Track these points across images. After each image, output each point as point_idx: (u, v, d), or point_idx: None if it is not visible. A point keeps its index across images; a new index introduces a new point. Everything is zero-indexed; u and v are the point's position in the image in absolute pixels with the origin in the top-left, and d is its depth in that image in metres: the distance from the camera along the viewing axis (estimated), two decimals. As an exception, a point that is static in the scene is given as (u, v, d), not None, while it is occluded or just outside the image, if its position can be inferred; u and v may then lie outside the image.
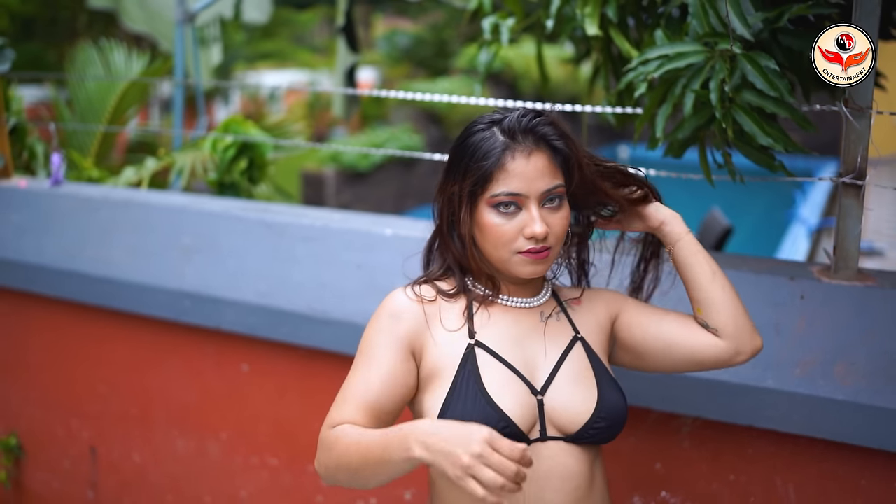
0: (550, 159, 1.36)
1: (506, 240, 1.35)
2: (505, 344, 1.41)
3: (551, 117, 1.39)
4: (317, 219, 2.35)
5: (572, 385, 1.40)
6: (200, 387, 2.51)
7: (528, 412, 1.36)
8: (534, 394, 1.38)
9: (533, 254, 1.35)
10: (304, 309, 2.23)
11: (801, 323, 1.77)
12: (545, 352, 1.42)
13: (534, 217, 1.34)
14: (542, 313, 1.46)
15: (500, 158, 1.34)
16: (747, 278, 1.83)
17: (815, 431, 1.72)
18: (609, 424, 1.39)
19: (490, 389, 1.35)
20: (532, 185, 1.34)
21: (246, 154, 2.85)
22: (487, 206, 1.35)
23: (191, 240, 2.47)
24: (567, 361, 1.42)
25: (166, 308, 2.45)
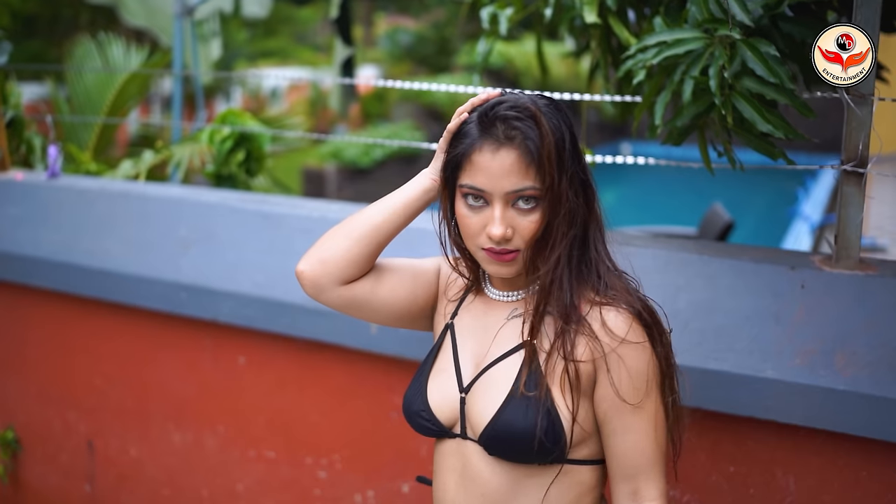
0: (521, 157, 1.24)
1: (471, 233, 1.30)
2: (469, 333, 1.41)
3: (532, 109, 1.26)
4: (314, 209, 2.34)
5: (488, 390, 1.33)
6: (197, 380, 2.49)
7: (450, 407, 1.36)
8: (460, 390, 1.36)
9: (494, 254, 1.29)
10: (301, 300, 2.22)
11: (801, 312, 1.75)
12: (489, 350, 1.37)
13: (494, 217, 1.26)
14: (513, 310, 1.38)
15: (468, 148, 1.28)
16: (748, 268, 1.82)
17: (816, 422, 1.70)
18: (499, 444, 1.30)
19: (432, 376, 1.40)
20: (496, 184, 1.25)
21: (243, 146, 2.84)
22: (459, 195, 1.31)
23: (188, 231, 2.45)
24: (499, 365, 1.34)
25: (163, 300, 2.43)
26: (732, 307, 1.80)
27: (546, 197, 1.26)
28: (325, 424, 2.33)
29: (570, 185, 1.28)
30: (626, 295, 1.32)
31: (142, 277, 2.46)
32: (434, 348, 1.44)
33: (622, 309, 1.30)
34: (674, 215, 7.21)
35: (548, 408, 1.27)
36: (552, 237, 1.29)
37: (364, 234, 1.41)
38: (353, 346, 2.15)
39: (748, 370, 1.74)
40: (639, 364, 1.29)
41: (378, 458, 2.25)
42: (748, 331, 1.77)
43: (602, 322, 1.29)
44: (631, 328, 1.29)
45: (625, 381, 1.29)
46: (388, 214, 1.41)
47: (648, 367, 1.30)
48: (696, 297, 1.84)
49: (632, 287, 1.36)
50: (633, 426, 1.30)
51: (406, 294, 1.47)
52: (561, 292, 1.29)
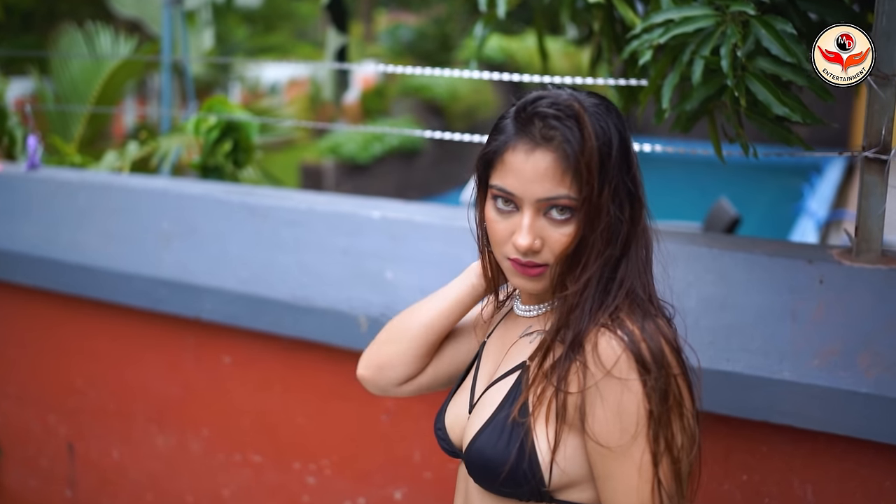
0: (557, 162, 1.10)
1: (497, 239, 1.17)
2: (492, 350, 1.32)
3: (576, 108, 1.10)
4: (301, 202, 2.23)
5: (480, 411, 1.23)
6: (180, 380, 2.38)
7: (460, 426, 1.29)
8: (469, 410, 1.28)
9: (520, 265, 1.16)
10: (286, 297, 2.10)
11: (819, 309, 1.63)
12: (497, 369, 1.27)
13: (522, 225, 1.13)
14: (528, 327, 1.26)
15: (502, 146, 1.15)
16: (760, 262, 1.70)
17: (836, 427, 1.58)
18: (471, 468, 1.20)
19: (457, 393, 1.34)
20: (528, 188, 1.12)
21: (230, 136, 2.72)
22: (489, 195, 1.19)
23: (170, 224, 2.34)
24: (498, 384, 1.23)
25: (143, 297, 2.32)
26: (745, 304, 1.69)
27: (583, 209, 1.11)
28: (313, 427, 2.21)
29: (612, 198, 1.12)
30: (635, 323, 1.13)
31: (122, 273, 2.35)
32: (467, 368, 1.38)
33: (616, 336, 1.11)
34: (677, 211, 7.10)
35: (522, 437, 1.13)
36: (585, 255, 1.13)
37: (417, 336, 1.38)
38: (341, 345, 2.04)
39: (763, 371, 1.63)
40: (620, 403, 1.09)
41: (369, 464, 2.14)
42: (762, 329, 1.66)
43: (594, 346, 1.11)
44: (619, 360, 1.09)
45: (600, 419, 1.09)
46: (438, 315, 1.38)
47: (635, 407, 1.08)
48: (707, 293, 1.72)
49: (657, 321, 1.16)
50: (615, 473, 1.10)
51: (467, 355, 1.43)
52: (581, 316, 1.13)
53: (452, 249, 1.96)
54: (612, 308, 1.14)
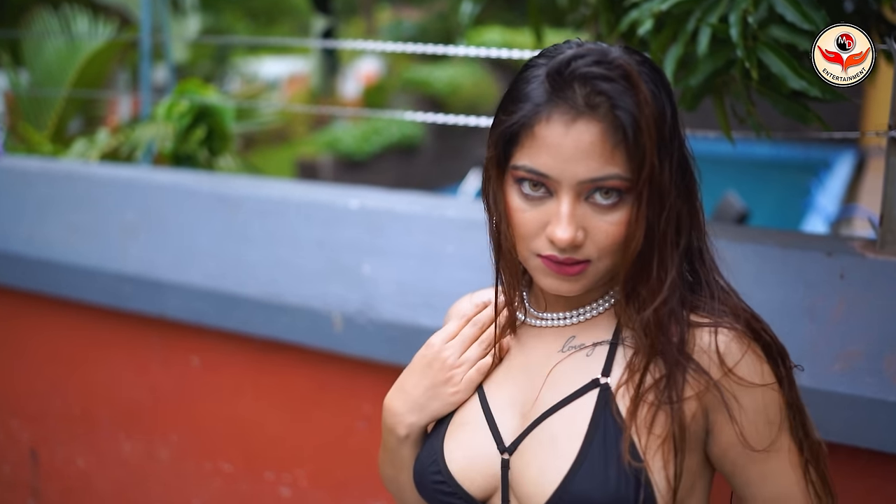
0: (606, 133, 0.91)
1: (524, 232, 0.96)
2: (506, 374, 1.07)
3: (626, 66, 0.91)
4: (274, 191, 2.06)
5: (547, 447, 0.98)
6: (147, 383, 2.22)
7: (485, 472, 1.02)
8: (500, 450, 1.02)
9: (555, 263, 0.94)
10: (256, 293, 1.94)
11: (840, 307, 1.46)
12: (539, 395, 1.02)
13: (560, 214, 0.92)
14: (570, 339, 1.03)
15: (531, 116, 0.93)
16: (774, 254, 1.53)
17: (859, 440, 1.42)
18: None
19: (450, 432, 1.05)
20: (567, 168, 0.91)
21: (204, 122, 2.56)
22: (511, 179, 0.97)
23: (135, 216, 2.18)
24: (559, 413, 0.99)
25: (106, 293, 2.16)
26: (757, 301, 1.50)
27: (641, 191, 0.92)
28: (287, 435, 2.05)
29: (672, 175, 0.94)
30: (735, 311, 1.02)
31: (84, 268, 2.19)
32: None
33: (733, 331, 0.99)
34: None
35: (638, 478, 0.93)
36: (657, 249, 0.95)
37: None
38: (315, 346, 1.88)
39: (776, 376, 1.45)
40: (761, 399, 0.98)
41: (346, 474, 1.97)
42: (776, 329, 1.46)
43: (712, 349, 0.97)
44: (746, 356, 0.98)
45: (744, 422, 0.97)
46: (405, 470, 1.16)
47: (775, 399, 0.99)
48: (714, 288, 1.55)
49: (742, 302, 1.06)
50: (771, 472, 1.00)
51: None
52: (676, 321, 0.96)
53: (436, 241, 1.79)
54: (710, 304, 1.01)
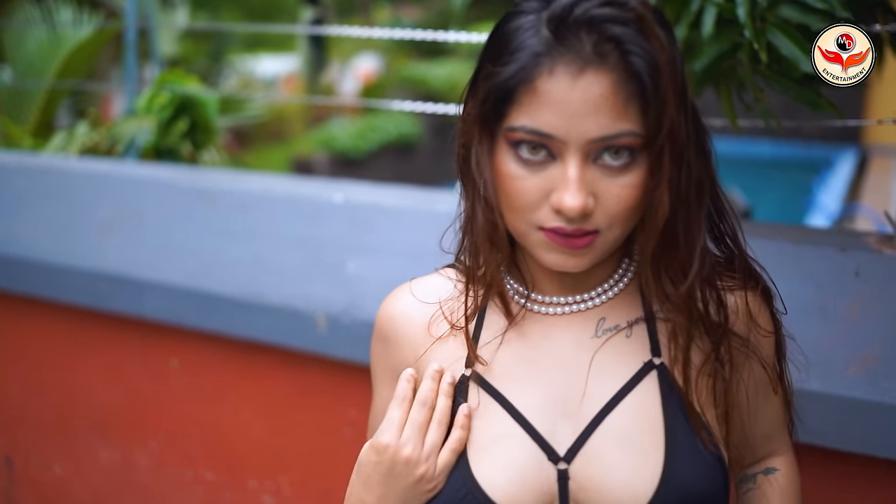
0: (618, 85, 0.80)
1: (522, 203, 0.83)
2: (522, 375, 0.92)
3: (639, 9, 0.81)
4: (256, 185, 1.97)
5: (623, 445, 0.87)
6: (125, 387, 2.12)
7: (538, 491, 0.87)
8: (552, 460, 0.87)
9: (561, 236, 0.83)
10: (236, 292, 1.84)
11: (855, 306, 1.37)
12: (585, 389, 0.90)
13: (568, 179, 0.80)
14: (600, 321, 0.92)
15: (529, 70, 0.80)
16: (783, 250, 1.43)
17: (876, 448, 1.32)
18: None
19: (475, 457, 0.88)
20: (574, 126, 0.79)
21: (186, 114, 2.46)
22: (505, 143, 0.84)
23: (111, 212, 2.08)
24: (621, 407, 0.89)
25: (82, 293, 2.06)
26: (766, 300, 1.42)
27: (661, 148, 0.81)
28: (271, 441, 1.95)
29: (688, 131, 0.84)
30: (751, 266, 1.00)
31: (59, 266, 2.09)
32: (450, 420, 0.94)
33: (756, 289, 0.99)
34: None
35: (717, 451, 0.89)
36: (684, 216, 0.85)
37: None
38: (298, 348, 1.78)
39: (787, 381, 1.36)
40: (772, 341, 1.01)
41: (331, 482, 1.87)
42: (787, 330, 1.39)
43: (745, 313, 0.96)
44: (762, 308, 1.00)
45: (769, 366, 0.99)
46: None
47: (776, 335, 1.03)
48: (719, 287, 1.45)
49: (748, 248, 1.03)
50: (773, 400, 1.03)
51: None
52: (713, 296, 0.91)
53: (424, 238, 1.69)
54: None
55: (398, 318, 0.98)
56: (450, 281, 0.99)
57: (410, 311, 0.98)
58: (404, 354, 0.98)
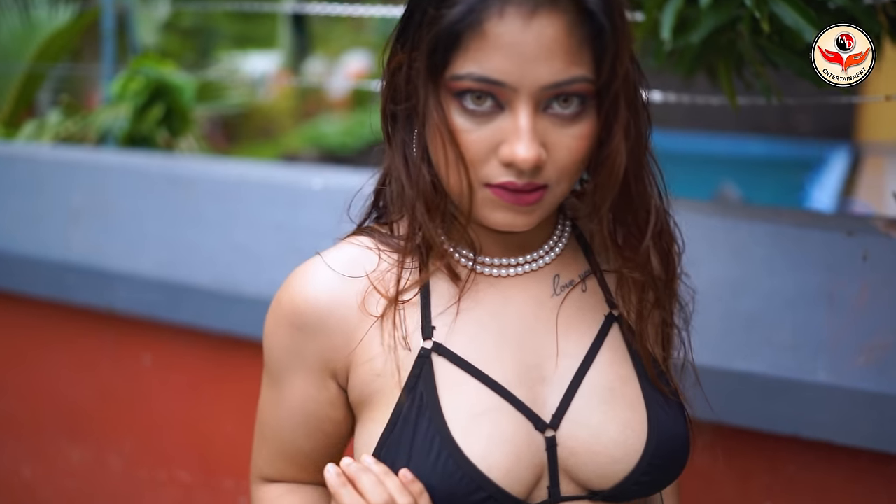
0: (571, 29, 0.75)
1: (469, 158, 0.77)
2: (488, 343, 0.85)
3: None
4: (231, 171, 1.88)
5: (604, 407, 0.84)
6: (96, 384, 2.04)
7: (530, 463, 0.82)
8: (539, 428, 0.83)
9: (511, 192, 0.77)
10: (210, 283, 1.75)
11: (864, 293, 1.29)
12: (558, 350, 0.86)
13: (520, 129, 0.75)
14: (555, 279, 0.89)
15: (478, 11, 0.74)
16: (787, 234, 1.35)
17: (887, 444, 1.25)
18: (664, 472, 0.85)
19: (463, 437, 0.81)
20: (527, 72, 0.74)
21: (162, 100, 2.36)
22: (448, 94, 0.77)
23: (80, 200, 1.99)
24: (597, 363, 0.86)
25: (48, 284, 1.97)
26: (770, 287, 1.34)
27: (616, 94, 0.77)
28: (248, 439, 1.85)
29: (636, 78, 0.82)
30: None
31: (24, 257, 2.01)
32: (417, 397, 0.82)
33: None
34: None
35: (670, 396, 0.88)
36: (635, 168, 0.83)
37: None
38: (275, 342, 1.69)
39: (792, 372, 1.30)
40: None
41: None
42: (791, 318, 1.32)
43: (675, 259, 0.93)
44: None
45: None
46: None
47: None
48: (720, 273, 1.38)
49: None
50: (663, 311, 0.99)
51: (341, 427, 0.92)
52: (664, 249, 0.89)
53: (407, 224, 1.61)
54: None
55: (321, 299, 0.85)
56: (369, 250, 0.87)
57: (335, 290, 0.85)
58: (333, 342, 0.85)
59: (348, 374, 0.86)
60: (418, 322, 0.85)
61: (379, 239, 0.88)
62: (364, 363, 0.85)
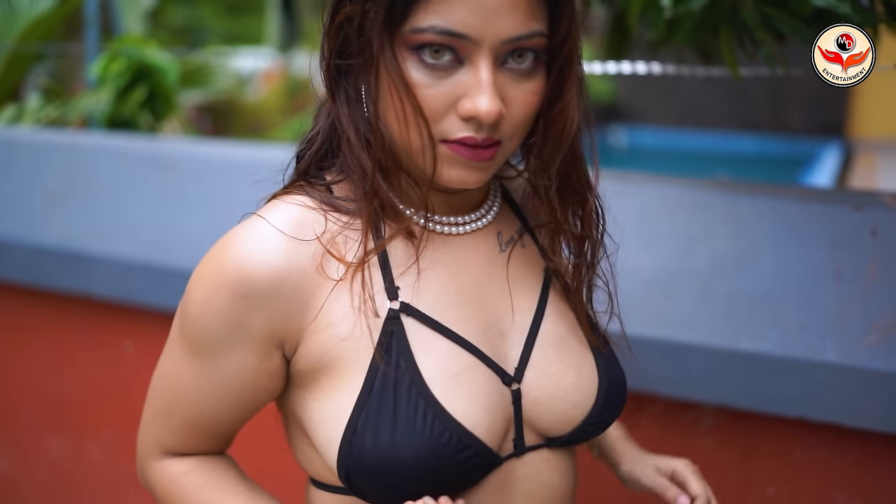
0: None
1: (428, 114, 0.75)
2: (452, 301, 0.83)
3: None
4: (215, 151, 1.82)
5: (560, 356, 0.87)
6: (75, 373, 1.97)
7: (501, 417, 0.82)
8: (506, 383, 0.83)
9: (469, 148, 0.76)
10: (192, 266, 1.68)
11: (873, 269, 1.24)
12: (512, 306, 0.87)
13: (482, 83, 0.74)
14: (499, 235, 0.89)
15: None
16: (792, 209, 1.30)
17: (897, 425, 1.19)
18: (615, 410, 0.89)
19: (445, 397, 0.78)
20: (490, 25, 0.73)
21: (144, 82, 2.29)
22: (404, 48, 0.75)
23: (59, 182, 1.92)
24: (547, 315, 0.88)
25: (25, 269, 1.91)
26: (774, 264, 1.29)
27: (570, 50, 0.79)
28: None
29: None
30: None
31: (1, 241, 1.93)
32: (393, 359, 0.79)
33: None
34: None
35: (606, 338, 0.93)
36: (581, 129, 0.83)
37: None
38: (259, 326, 1.63)
39: (797, 352, 1.24)
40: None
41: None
42: (797, 296, 1.26)
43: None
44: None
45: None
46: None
47: None
48: (722, 250, 1.32)
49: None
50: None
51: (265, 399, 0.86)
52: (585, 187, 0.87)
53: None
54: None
55: (276, 264, 0.78)
56: (312, 210, 0.81)
57: (289, 254, 0.78)
58: (287, 309, 0.79)
59: (299, 342, 0.80)
60: (381, 284, 0.81)
61: (320, 199, 0.82)
62: (323, 329, 0.79)
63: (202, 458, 0.91)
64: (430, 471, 0.77)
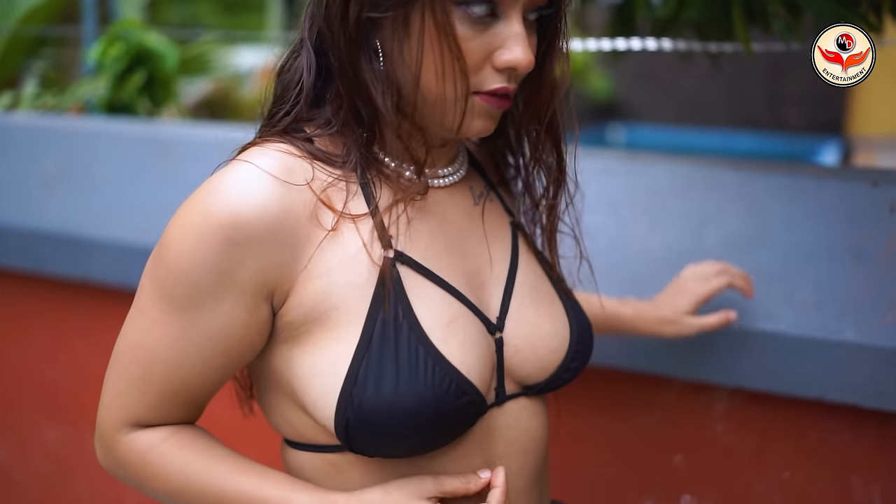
0: None
1: (469, 66, 0.77)
2: (440, 250, 0.84)
3: None
4: (213, 133, 1.78)
5: (535, 304, 0.89)
6: (72, 360, 1.94)
7: (488, 365, 0.84)
8: (490, 331, 0.85)
9: (498, 98, 0.80)
10: (191, 249, 1.65)
11: (891, 246, 1.21)
12: (490, 257, 0.89)
13: (518, 34, 0.78)
14: (471, 189, 0.92)
15: None
16: (807, 186, 1.27)
17: (918, 405, 1.16)
18: (585, 356, 0.92)
19: (442, 344, 0.78)
20: None
21: (143, 66, 2.26)
22: (450, 2, 0.75)
23: (56, 166, 1.89)
24: (521, 265, 0.91)
25: (22, 254, 1.87)
26: (789, 242, 1.26)
27: (562, 12, 0.84)
28: (230, 417, 1.77)
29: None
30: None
31: (-3, 227, 1.90)
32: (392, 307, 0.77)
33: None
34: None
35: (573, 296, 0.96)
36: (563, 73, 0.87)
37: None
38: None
39: (814, 331, 1.22)
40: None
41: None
42: (814, 274, 1.23)
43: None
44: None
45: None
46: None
47: None
48: (734, 229, 1.29)
49: None
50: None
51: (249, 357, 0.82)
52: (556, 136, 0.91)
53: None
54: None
55: (271, 208, 0.74)
56: (298, 157, 0.79)
57: (284, 198, 0.75)
58: (280, 257, 0.76)
59: (289, 292, 0.77)
60: (372, 233, 0.79)
61: (304, 148, 0.80)
62: (317, 277, 0.76)
63: (177, 426, 0.84)
64: (431, 418, 0.76)
